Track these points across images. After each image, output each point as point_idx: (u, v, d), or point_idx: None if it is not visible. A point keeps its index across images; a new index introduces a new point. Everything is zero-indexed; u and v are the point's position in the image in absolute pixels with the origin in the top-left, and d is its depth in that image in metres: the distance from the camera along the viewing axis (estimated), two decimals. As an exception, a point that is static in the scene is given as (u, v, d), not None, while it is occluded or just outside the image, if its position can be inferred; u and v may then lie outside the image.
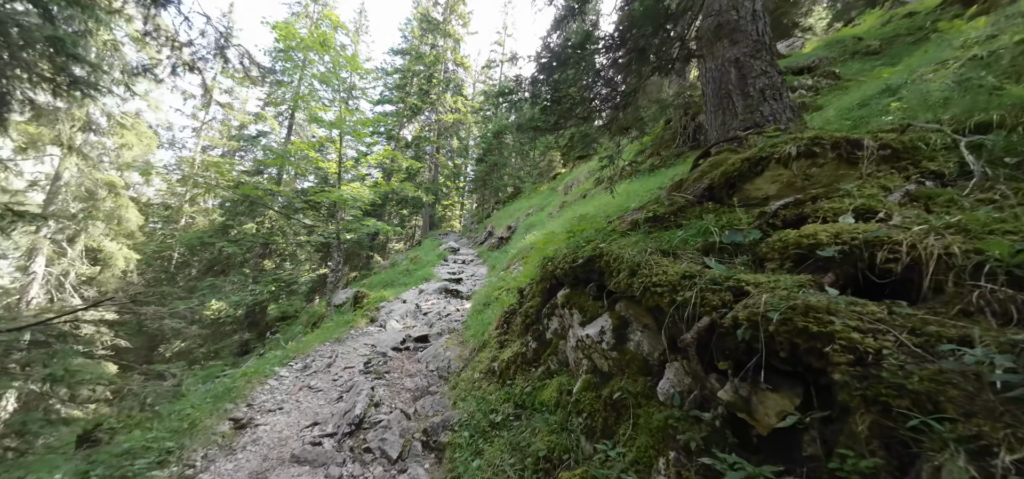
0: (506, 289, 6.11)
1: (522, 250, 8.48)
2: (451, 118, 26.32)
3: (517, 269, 7.77)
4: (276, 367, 4.46)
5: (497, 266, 13.35)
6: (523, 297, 3.86)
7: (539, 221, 13.90)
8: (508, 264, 8.46)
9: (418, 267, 15.84)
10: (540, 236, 8.79)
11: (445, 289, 9.86)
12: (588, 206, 9.73)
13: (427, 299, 9.01)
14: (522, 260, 7.99)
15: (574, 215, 9.37)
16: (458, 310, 7.70)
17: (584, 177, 13.77)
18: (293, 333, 17.39)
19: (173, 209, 22.62)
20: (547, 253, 3.48)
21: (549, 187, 20.28)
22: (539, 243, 8.12)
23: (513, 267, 7.97)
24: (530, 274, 5.89)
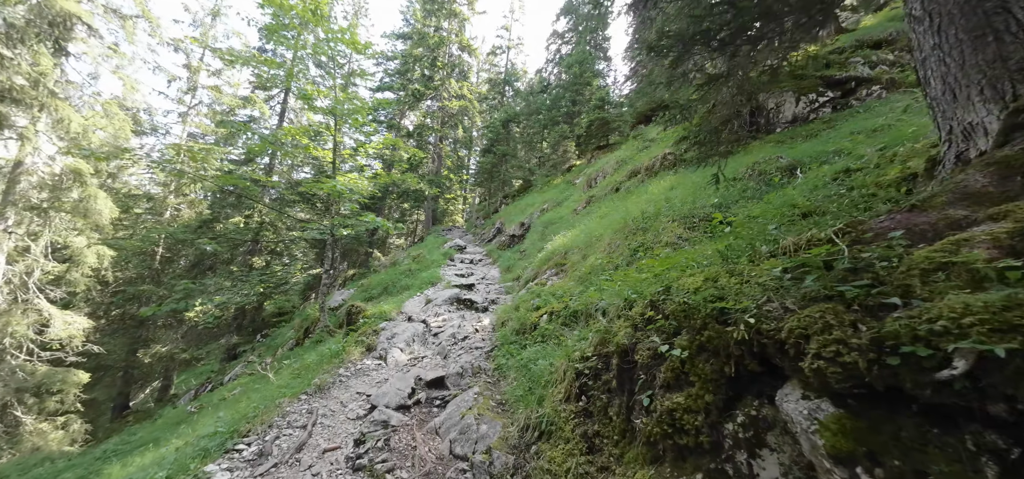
0: (549, 311, 4.51)
1: (553, 255, 6.88)
2: (456, 105, 24.56)
3: (551, 279, 6.17)
4: (207, 463, 2.68)
5: (514, 268, 11.75)
6: (614, 359, 2.24)
7: (560, 218, 12.28)
8: (537, 272, 6.86)
9: (422, 267, 14.25)
10: (576, 238, 7.18)
11: (456, 298, 8.27)
12: (628, 203, 8.11)
13: (436, 312, 7.41)
14: (557, 268, 6.39)
15: (614, 214, 7.75)
16: (477, 330, 6.10)
17: (612, 168, 12.15)
18: (283, 339, 15.83)
19: (157, 200, 20.94)
20: (690, 287, 1.86)
21: (564, 180, 18.62)
22: (576, 244, 6.54)
23: (545, 276, 6.37)
24: (573, 291, 4.29)
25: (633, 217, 5.70)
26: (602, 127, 17.25)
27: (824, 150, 6.00)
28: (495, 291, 9.98)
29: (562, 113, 22.20)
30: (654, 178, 9.47)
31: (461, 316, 7.21)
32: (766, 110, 9.29)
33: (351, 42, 12.18)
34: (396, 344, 5.20)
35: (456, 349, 5.25)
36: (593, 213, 9.27)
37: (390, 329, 5.54)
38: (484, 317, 7.17)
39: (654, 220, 5.32)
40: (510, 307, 6.02)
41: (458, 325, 6.33)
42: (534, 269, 7.13)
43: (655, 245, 4.71)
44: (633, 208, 6.88)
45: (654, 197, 7.21)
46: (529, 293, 5.79)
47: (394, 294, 12.52)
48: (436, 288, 10.76)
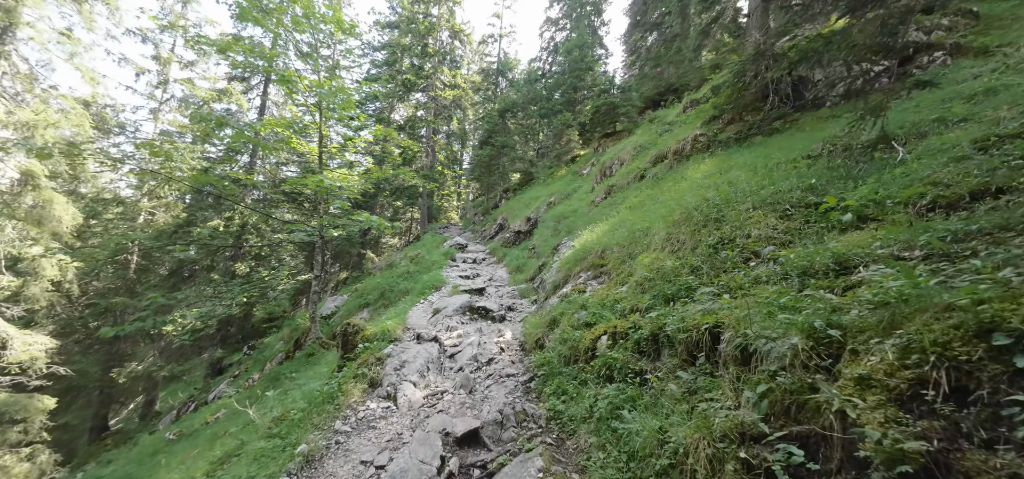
0: (609, 331, 3.44)
1: (585, 254, 5.80)
2: (450, 95, 23.22)
3: (590, 284, 5.10)
4: None
5: (525, 268, 10.66)
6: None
7: (574, 211, 11.20)
8: (568, 276, 5.77)
9: (421, 269, 13.07)
10: (609, 233, 6.11)
11: (468, 306, 7.15)
12: (666, 190, 7.06)
13: (448, 324, 6.30)
14: (595, 270, 5.31)
15: (651, 204, 6.70)
16: (501, 348, 5.02)
17: (629, 154, 11.08)
18: (272, 351, 14.53)
19: (128, 204, 19.32)
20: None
21: (569, 171, 17.52)
22: (614, 241, 5.47)
23: (581, 281, 5.29)
24: (636, 301, 3.18)
25: (694, 206, 4.63)
26: (609, 112, 16.17)
27: (917, 120, 4.99)
28: (508, 295, 8.88)
29: (563, 101, 21.06)
30: (685, 162, 8.43)
31: (478, 329, 6.09)
32: (812, 82, 8.29)
33: (335, 21, 10.87)
34: (407, 375, 4.07)
35: (483, 379, 4.15)
36: (620, 204, 8.20)
37: (397, 354, 4.40)
38: (505, 330, 6.07)
39: (726, 208, 4.25)
40: (540, 319, 4.93)
41: (477, 342, 5.22)
42: (562, 271, 6.04)
43: (744, 240, 3.64)
44: (683, 196, 5.82)
45: (700, 183, 6.16)
46: (566, 303, 4.70)
47: (393, 301, 11.35)
48: (440, 293, 9.62)
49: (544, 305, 5.82)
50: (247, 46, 10.32)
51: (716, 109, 9.40)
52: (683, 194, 6.08)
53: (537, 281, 9.01)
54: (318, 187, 8.63)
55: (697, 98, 11.85)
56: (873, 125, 4.66)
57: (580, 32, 24.85)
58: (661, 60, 19.34)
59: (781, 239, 3.56)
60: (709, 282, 3.25)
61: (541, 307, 6.10)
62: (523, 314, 7.45)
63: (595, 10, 31.14)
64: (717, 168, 6.73)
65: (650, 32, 22.69)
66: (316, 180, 8.10)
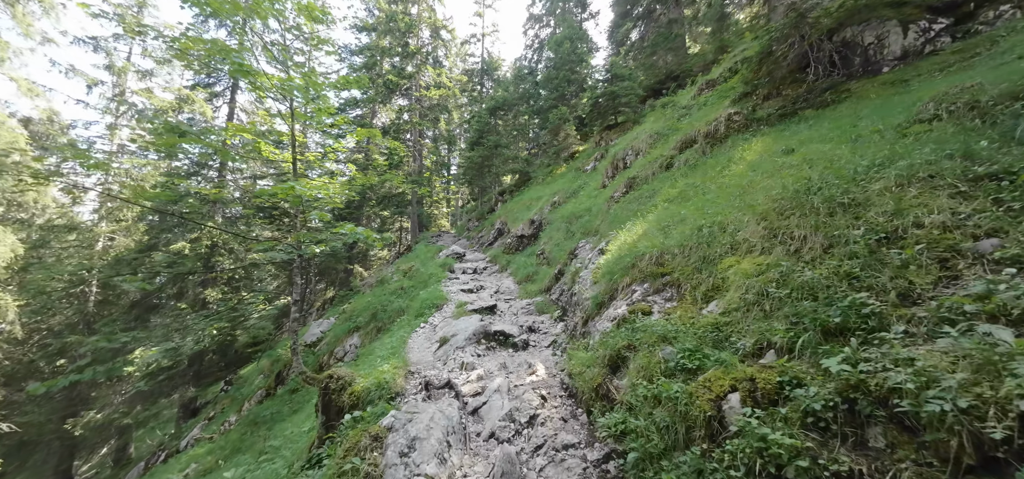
0: (732, 388, 2.17)
1: (633, 260, 4.56)
2: (435, 94, 21.85)
3: (657, 303, 3.86)
4: None
5: (536, 278, 9.38)
6: None
7: (587, 210, 9.99)
8: (614, 290, 4.51)
9: (417, 284, 11.67)
10: (661, 233, 4.90)
11: (483, 332, 5.83)
12: (709, 179, 5.90)
13: (462, 360, 4.97)
14: (652, 280, 4.07)
15: (698, 198, 5.53)
16: (542, 395, 3.76)
17: (645, 143, 9.94)
18: (250, 388, 12.88)
19: (82, 230, 17.36)
20: None
21: (569, 168, 16.35)
22: (673, 242, 4.27)
23: (640, 297, 4.04)
24: (770, 331, 2.00)
25: (795, 189, 3.44)
26: (610, 103, 15.07)
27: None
28: (523, 311, 7.59)
29: (555, 96, 19.91)
30: (722, 144, 7.30)
31: (500, 365, 4.78)
32: (861, 47, 7.26)
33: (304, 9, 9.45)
34: (420, 465, 2.73)
35: (531, 456, 2.85)
36: (651, 198, 7.01)
37: (401, 426, 3.04)
38: (535, 361, 4.77)
39: (852, 187, 3.07)
40: (592, 355, 3.66)
41: (506, 388, 3.91)
42: (603, 282, 4.78)
43: (916, 231, 2.45)
44: (748, 182, 4.64)
45: (761, 164, 5.01)
46: (629, 330, 3.44)
47: (387, 324, 9.94)
48: (443, 314, 8.27)
49: (587, 330, 4.54)
50: (209, 46, 8.78)
51: (747, 85, 8.32)
52: (743, 179, 4.91)
53: (556, 292, 7.74)
54: (290, 197, 7.19)
55: (713, 79, 10.83)
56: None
57: (568, 25, 23.85)
58: (658, 47, 18.37)
59: (979, 227, 2.37)
60: (892, 301, 2.03)
61: (579, 330, 4.83)
62: (548, 336, 6.18)
63: (579, 4, 30.25)
64: (775, 147, 5.59)
65: (641, 21, 21.77)
66: (287, 189, 6.67)
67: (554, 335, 6.02)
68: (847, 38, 7.62)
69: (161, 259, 11.64)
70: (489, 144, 19.68)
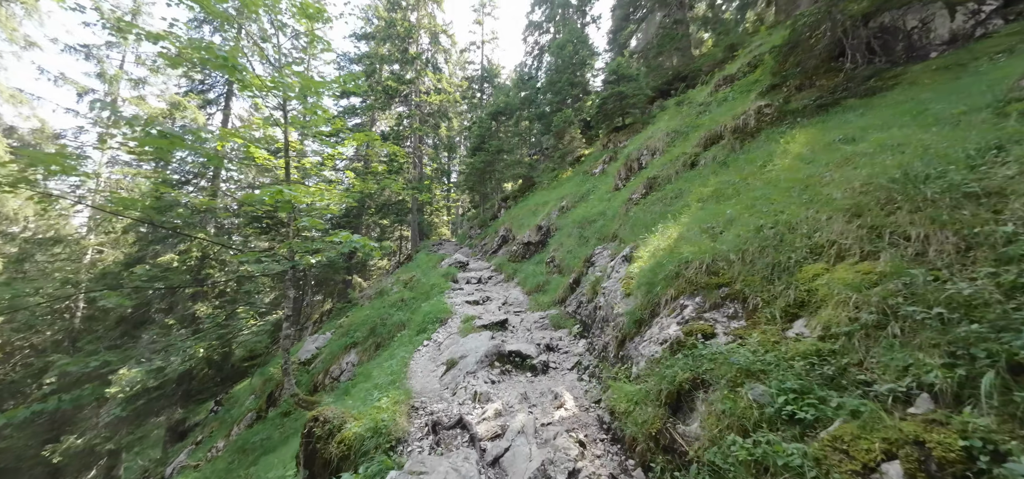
0: (886, 456, 1.44)
1: (677, 269, 3.87)
2: (436, 99, 21.31)
3: (715, 318, 3.18)
4: None
5: (548, 288, 8.66)
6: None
7: (600, 213, 9.31)
8: (658, 304, 3.82)
9: (419, 295, 10.94)
10: (698, 237, 4.23)
11: (496, 352, 5.11)
12: (750, 175, 5.25)
13: (474, 389, 4.25)
14: (708, 295, 3.38)
15: (739, 193, 4.88)
16: (580, 442, 3.09)
17: (662, 142, 9.30)
18: (240, 411, 12.08)
19: (69, 242, 16.65)
20: None
21: (575, 172, 15.73)
22: (727, 247, 3.62)
23: (694, 314, 3.36)
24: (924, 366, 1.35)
25: (891, 181, 2.77)
26: (618, 104, 14.49)
27: None
28: (536, 325, 6.87)
29: (558, 100, 19.38)
30: (754, 139, 6.66)
31: (521, 395, 4.05)
32: (902, 32, 6.65)
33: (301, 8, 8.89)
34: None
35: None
36: (680, 198, 6.34)
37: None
38: (560, 389, 4.06)
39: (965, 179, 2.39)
40: (640, 390, 2.96)
41: (534, 430, 3.19)
42: (641, 296, 4.07)
43: None
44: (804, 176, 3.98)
45: (824, 157, 4.36)
46: (690, 358, 2.75)
47: (386, 339, 9.21)
48: (449, 328, 7.54)
49: (625, 353, 3.83)
50: (205, 50, 8.13)
51: (775, 77, 7.70)
52: (798, 172, 4.24)
53: (572, 303, 7.04)
54: (279, 202, 6.52)
55: (731, 74, 10.25)
56: None
57: (570, 28, 23.46)
58: (665, 48, 17.89)
59: None
60: None
61: (613, 353, 4.12)
62: (570, 356, 5.46)
63: (579, 10, 29.95)
64: (825, 137, 4.95)
65: (644, 22, 21.35)
66: (275, 193, 5.99)
67: (577, 355, 5.30)
68: (885, 24, 7.03)
69: (142, 273, 10.92)
70: (491, 149, 19.08)
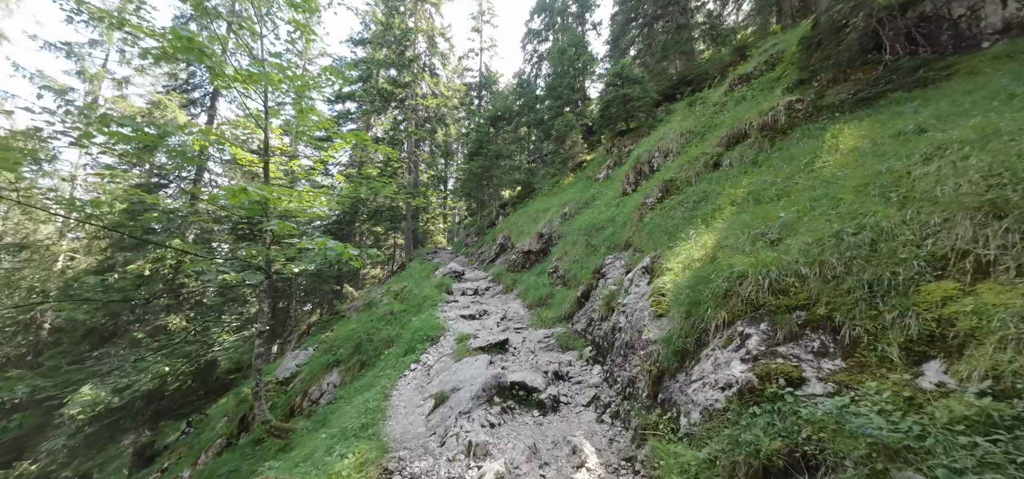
0: None
1: (724, 286, 3.04)
2: (433, 103, 20.60)
3: (798, 355, 2.33)
4: None
5: (551, 302, 7.81)
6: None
7: (610, 219, 8.51)
8: (708, 331, 2.98)
9: (410, 307, 10.04)
10: (741, 246, 3.43)
11: (497, 385, 4.23)
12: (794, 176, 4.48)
13: (468, 438, 3.37)
14: (776, 320, 2.55)
15: (788, 195, 4.11)
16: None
17: (675, 144, 8.56)
18: (211, 435, 11.04)
19: (37, 247, 15.60)
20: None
21: (577, 177, 14.99)
22: (792, 259, 2.78)
23: (763, 346, 2.53)
24: None
25: None
26: (622, 107, 13.83)
27: None
28: (541, 346, 6.00)
29: (558, 105, 18.74)
30: (787, 136, 5.92)
31: (529, 448, 3.16)
32: (948, 21, 5.98)
33: None
34: None
35: None
36: (705, 201, 5.55)
37: None
38: (582, 444, 3.20)
39: None
40: (706, 456, 2.12)
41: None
42: (680, 319, 3.24)
43: None
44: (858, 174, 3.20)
45: (897, 150, 3.59)
46: (785, 421, 1.91)
47: (372, 357, 8.29)
48: (440, 347, 6.65)
49: (666, 394, 2.98)
50: (189, 43, 7.33)
51: (803, 71, 7.01)
52: (863, 168, 3.47)
53: (581, 320, 6.19)
54: (249, 204, 5.66)
55: (746, 73, 9.59)
56: None
57: (570, 33, 22.99)
58: (669, 52, 17.34)
59: None
60: None
61: (646, 391, 3.26)
62: (584, 387, 4.60)
63: (579, 18, 29.60)
64: (884, 131, 4.20)
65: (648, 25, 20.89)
66: (238, 192, 5.12)
67: (592, 386, 4.44)
68: (927, 13, 6.37)
69: (95, 284, 9.93)
70: (489, 154, 18.34)
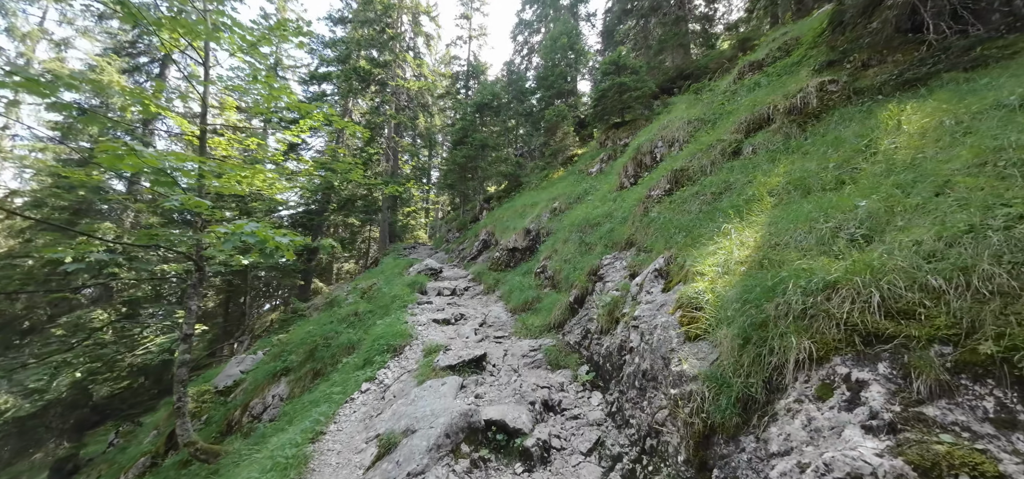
0: None
1: (794, 297, 1.97)
2: (415, 85, 19.19)
3: (998, 447, 1.21)
4: None
5: (538, 307, 6.69)
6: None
7: (606, 216, 7.46)
8: (784, 366, 1.89)
9: (376, 308, 8.75)
10: (814, 241, 2.35)
11: (467, 426, 3.09)
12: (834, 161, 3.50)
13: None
14: (876, 353, 1.46)
15: (861, 181, 3.08)
16: None
17: (682, 132, 7.58)
18: (137, 451, 9.51)
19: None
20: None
21: (569, 171, 13.96)
22: (940, 269, 1.63)
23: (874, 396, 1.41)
24: None
25: None
26: (618, 96, 12.84)
27: None
28: (527, 363, 4.89)
29: (551, 93, 17.66)
30: (818, 121, 4.99)
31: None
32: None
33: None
34: None
35: None
36: (728, 192, 4.54)
37: None
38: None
39: None
40: None
41: None
42: (725, 341, 2.18)
43: None
44: None
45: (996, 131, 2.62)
46: None
47: (327, 365, 7.02)
48: (403, 361, 5.45)
49: (726, 461, 1.88)
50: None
51: (834, 52, 6.11)
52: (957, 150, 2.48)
53: (574, 331, 5.11)
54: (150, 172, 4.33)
55: (757, 60, 8.74)
56: None
57: (563, 22, 21.95)
58: (667, 45, 16.51)
59: None
60: None
61: (680, 455, 2.18)
62: (583, 427, 3.48)
63: (572, 10, 28.62)
64: (960, 110, 3.27)
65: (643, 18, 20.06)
66: (128, 154, 3.80)
67: (593, 423, 3.36)
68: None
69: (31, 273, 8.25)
70: (474, 143, 17.10)
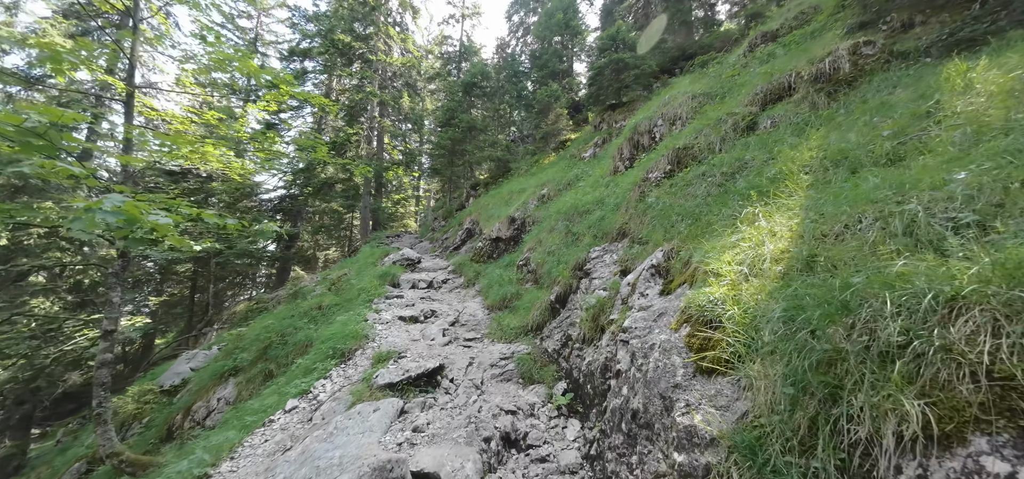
0: None
1: (890, 317, 1.11)
2: (399, 61, 18.01)
3: None
4: None
5: (516, 305, 5.84)
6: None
7: (597, 203, 6.61)
8: (869, 443, 1.03)
9: (341, 302, 7.86)
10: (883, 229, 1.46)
11: (384, 470, 2.20)
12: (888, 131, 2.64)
13: None
14: None
15: (941, 152, 2.17)
16: None
17: (685, 109, 6.71)
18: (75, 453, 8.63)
19: None
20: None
21: (560, 156, 13.04)
22: None
23: None
24: None
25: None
26: (616, 75, 11.88)
27: None
28: (495, 375, 4.06)
29: (545, 72, 16.60)
30: (852, 89, 4.14)
31: None
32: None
33: None
34: None
35: None
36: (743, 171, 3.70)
37: None
38: None
39: None
40: None
41: None
42: (763, 396, 1.37)
43: None
44: None
45: None
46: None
47: (281, 365, 6.17)
48: (348, 370, 4.61)
49: None
50: None
51: (867, 12, 5.23)
52: None
53: (554, 338, 4.29)
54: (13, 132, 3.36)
55: (770, 31, 7.86)
56: None
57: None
58: (671, 20, 15.52)
59: None
60: None
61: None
62: (553, 468, 2.69)
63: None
64: None
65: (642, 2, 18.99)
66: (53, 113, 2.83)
67: (565, 471, 2.55)
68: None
69: None
70: (462, 124, 16.05)
